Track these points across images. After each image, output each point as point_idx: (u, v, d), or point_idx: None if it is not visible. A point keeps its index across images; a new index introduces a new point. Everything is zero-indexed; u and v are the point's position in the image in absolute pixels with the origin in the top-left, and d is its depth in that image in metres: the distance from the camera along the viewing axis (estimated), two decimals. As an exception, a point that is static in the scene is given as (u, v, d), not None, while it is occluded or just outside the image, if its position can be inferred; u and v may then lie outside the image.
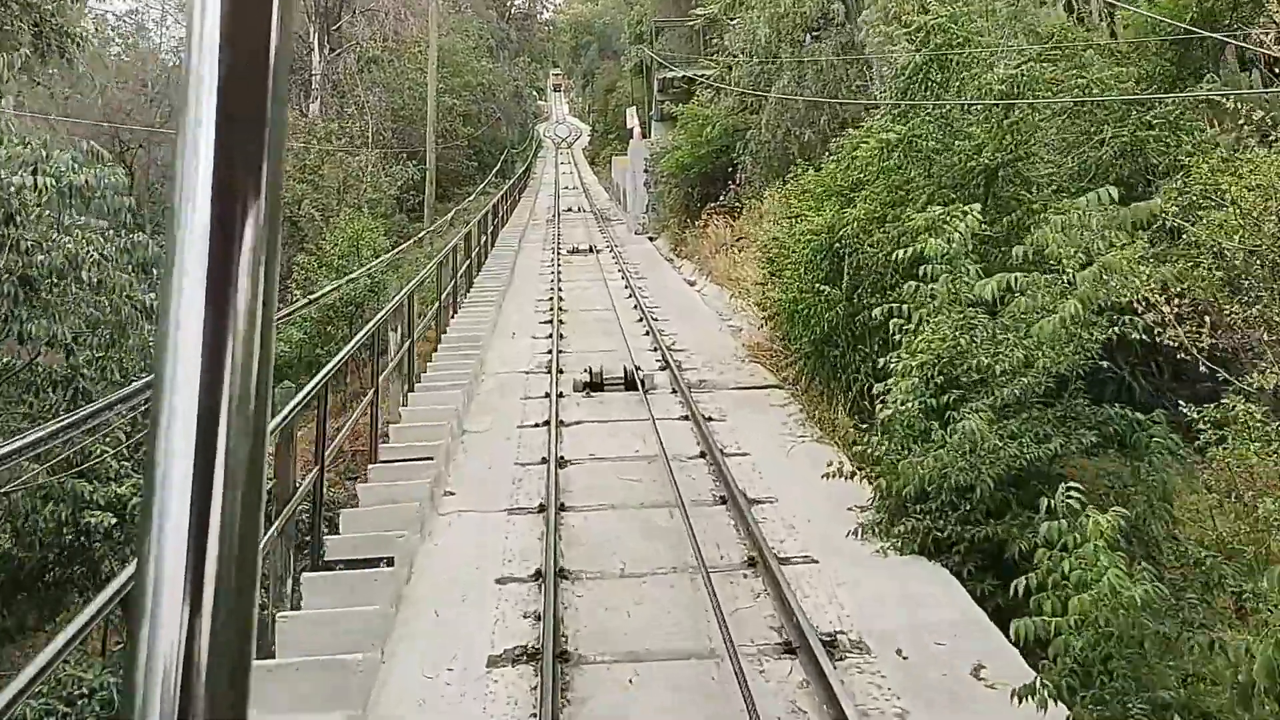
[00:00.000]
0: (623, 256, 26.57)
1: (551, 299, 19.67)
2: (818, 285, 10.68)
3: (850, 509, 8.28)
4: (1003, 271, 8.28)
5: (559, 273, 23.46)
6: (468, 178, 50.87)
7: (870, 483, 8.29)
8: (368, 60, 44.73)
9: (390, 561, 7.03)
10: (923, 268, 8.10)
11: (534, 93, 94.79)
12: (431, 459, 9.20)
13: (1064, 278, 7.17)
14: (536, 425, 11.09)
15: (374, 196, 32.30)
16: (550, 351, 14.78)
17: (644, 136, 35.72)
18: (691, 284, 22.06)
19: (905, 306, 8.28)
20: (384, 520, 7.64)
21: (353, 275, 21.70)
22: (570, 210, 42.87)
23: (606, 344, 15.47)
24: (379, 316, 9.93)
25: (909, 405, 7.49)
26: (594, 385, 12.92)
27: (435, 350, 14.51)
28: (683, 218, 26.90)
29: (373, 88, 44.69)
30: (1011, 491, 6.99)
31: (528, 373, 13.75)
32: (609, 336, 16.04)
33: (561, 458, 9.90)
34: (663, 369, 13.74)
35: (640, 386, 12.57)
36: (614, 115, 66.73)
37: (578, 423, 11.22)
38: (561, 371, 13.57)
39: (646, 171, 32.24)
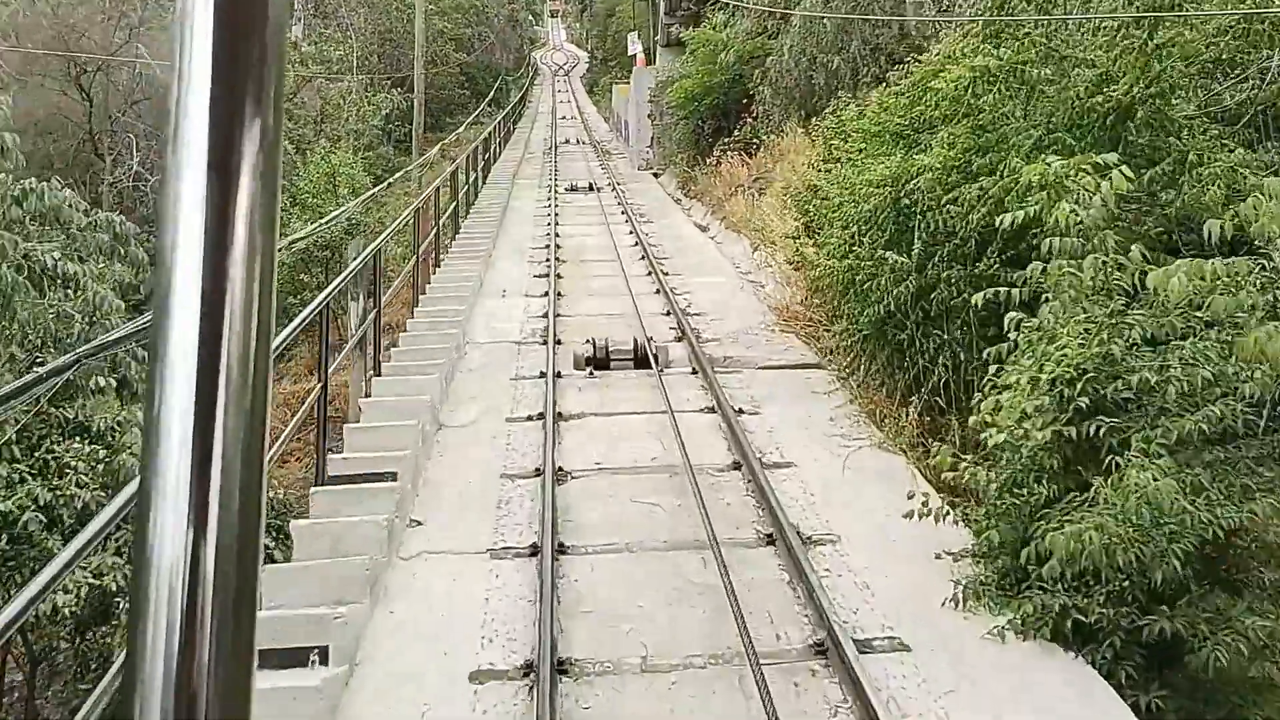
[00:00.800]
0: (626, 196, 24.31)
1: (548, 247, 17.51)
2: (879, 251, 8.57)
3: (939, 556, 6.32)
4: (1146, 247, 6.22)
5: (556, 215, 21.24)
6: (460, 106, 48.22)
7: (969, 526, 6.32)
8: (352, -22, 41.81)
9: (325, 656, 5.06)
10: (1047, 241, 6.03)
11: (530, 18, 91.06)
12: (394, 477, 7.18)
13: (1271, 265, 5.10)
14: (529, 419, 9.05)
15: (356, 127, 29.85)
16: (546, 315, 12.70)
17: (648, 64, 33.13)
18: (703, 229, 19.87)
19: (1017, 292, 6.22)
20: (321, 585, 5.64)
21: (328, 218, 19.53)
22: (568, 142, 40.39)
23: (612, 305, 13.39)
24: (324, 294, 7.71)
25: (1039, 434, 5.46)
26: (598, 361, 10.87)
27: (410, 317, 12.40)
28: (691, 154, 24.57)
29: (358, 8, 41.80)
30: (1193, 567, 5.00)
31: (520, 343, 11.69)
32: (614, 296, 13.93)
33: (560, 469, 7.89)
34: (679, 339, 11.68)
35: (654, 363, 10.53)
36: (614, 41, 63.61)
37: (579, 416, 9.18)
38: (560, 342, 11.51)
39: (651, 102, 29.76)
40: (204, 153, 0.55)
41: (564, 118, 52.84)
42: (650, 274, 15.38)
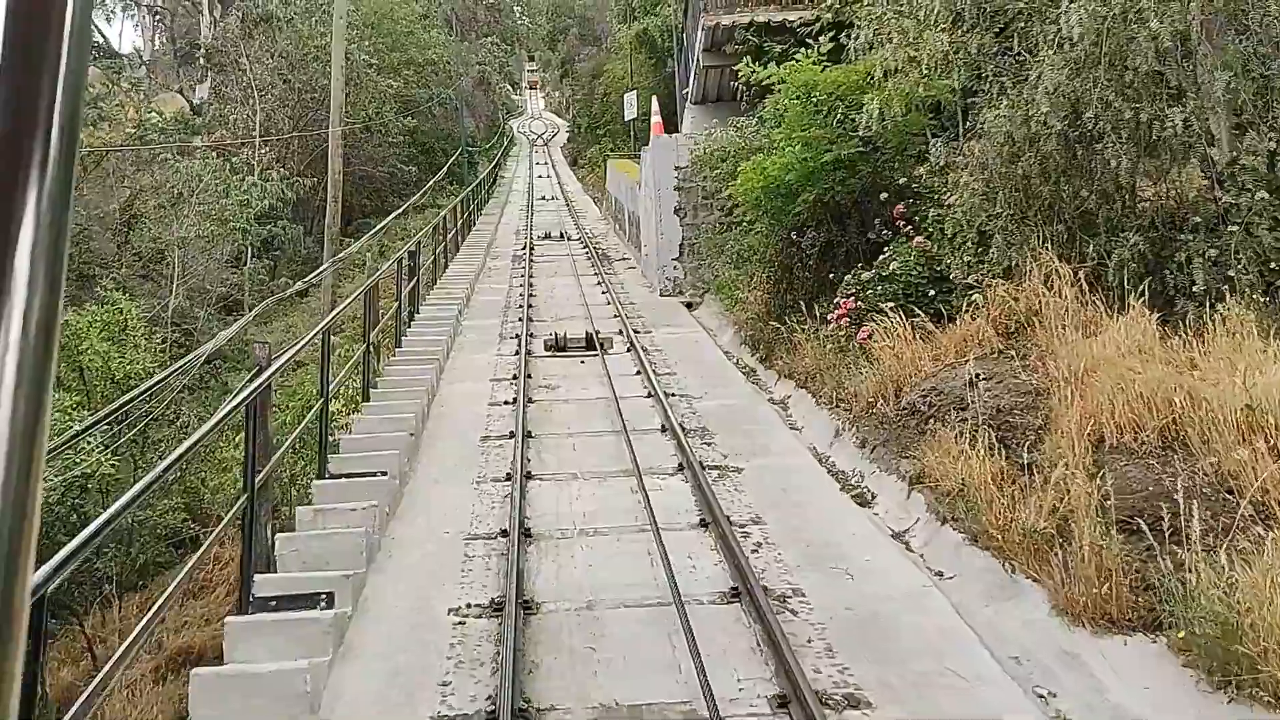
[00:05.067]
0: (656, 367, 13.20)
1: (496, 613, 6.35)
2: None
3: None
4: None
5: (525, 435, 10.13)
6: (413, 184, 37.32)
7: None
8: (258, 19, 31.01)
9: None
10: None
11: (508, 86, 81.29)
12: None
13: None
14: None
15: (207, 229, 18.73)
16: None
17: (667, 131, 22.33)
18: (862, 500, 8.64)
19: None
20: None
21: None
22: (548, 238, 29.44)
23: None
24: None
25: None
26: None
27: None
28: (779, 287, 13.53)
29: (264, 58, 31.05)
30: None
31: None
32: None
33: None
34: None
35: None
36: (602, 105, 53.55)
37: None
38: None
39: (679, 190, 18.92)
40: None
41: (543, 198, 42.12)
42: None
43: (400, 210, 27.52)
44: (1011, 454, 7.83)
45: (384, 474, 8.35)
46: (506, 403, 11.68)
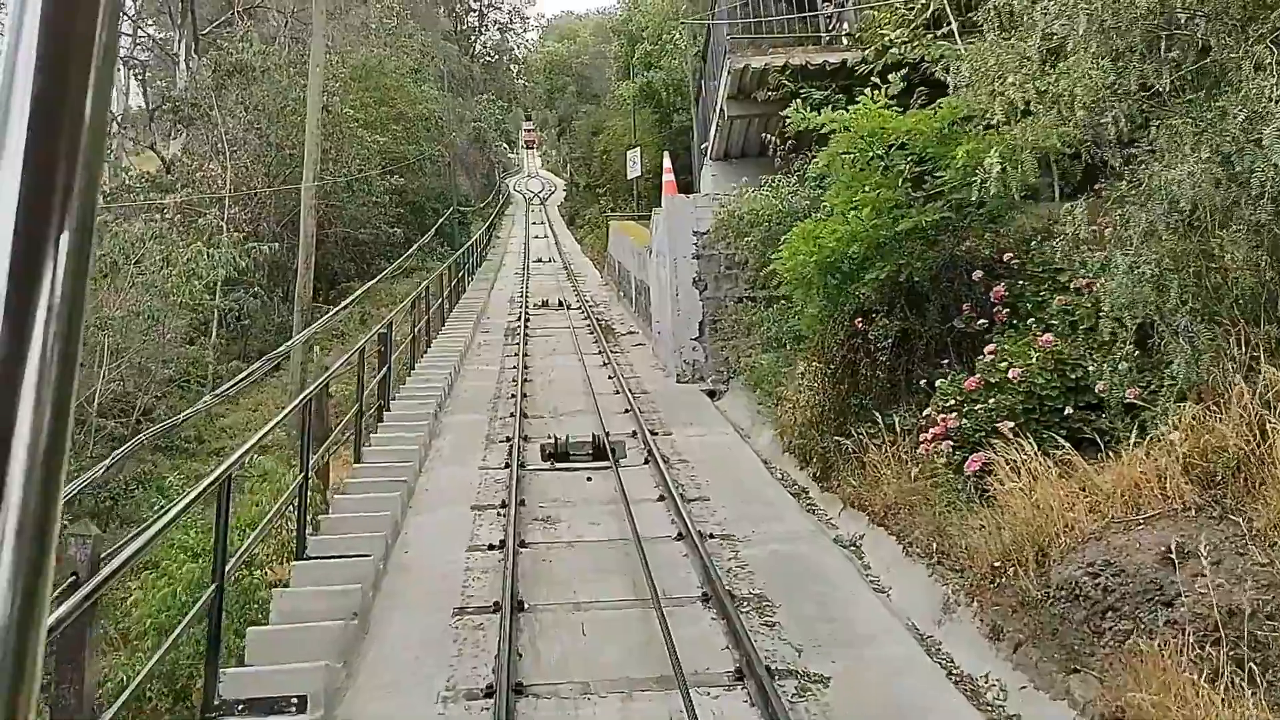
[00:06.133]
0: (685, 491, 10.38)
1: None
2: None
3: None
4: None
5: (514, 614, 7.28)
6: (398, 246, 34.75)
7: None
8: (231, 69, 28.56)
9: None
10: None
11: (504, 145, 79.46)
12: None
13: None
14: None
15: (146, 306, 15.96)
16: None
17: (682, 191, 19.76)
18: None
19: None
20: None
21: None
22: (545, 305, 26.79)
23: None
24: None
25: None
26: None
27: None
28: (840, 388, 10.73)
29: (237, 111, 28.59)
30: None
31: None
32: None
33: None
34: None
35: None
36: (602, 163, 51.35)
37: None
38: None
39: (699, 258, 16.26)
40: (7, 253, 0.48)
41: (539, 260, 39.62)
42: None
43: (381, 276, 24.90)
44: (1271, 692, 5.02)
45: (296, 708, 5.47)
46: (491, 547, 8.83)
